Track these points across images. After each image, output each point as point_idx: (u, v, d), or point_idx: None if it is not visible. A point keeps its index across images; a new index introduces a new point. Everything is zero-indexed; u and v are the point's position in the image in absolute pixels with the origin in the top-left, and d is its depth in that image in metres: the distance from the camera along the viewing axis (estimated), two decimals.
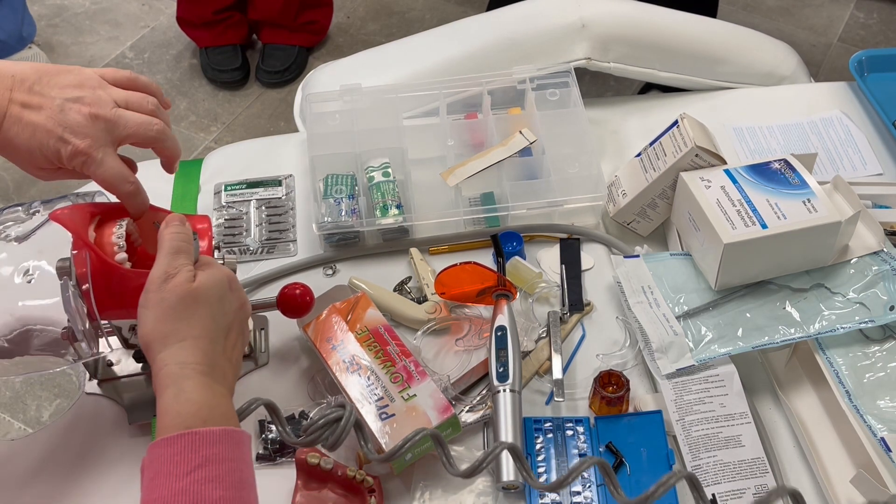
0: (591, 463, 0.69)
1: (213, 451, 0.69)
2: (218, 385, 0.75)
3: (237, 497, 0.68)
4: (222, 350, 0.78)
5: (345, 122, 1.22)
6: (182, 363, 0.74)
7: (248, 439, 0.73)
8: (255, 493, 0.72)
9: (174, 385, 0.73)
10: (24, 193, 2.28)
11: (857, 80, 1.33)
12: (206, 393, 0.73)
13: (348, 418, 0.76)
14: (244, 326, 0.83)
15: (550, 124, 1.20)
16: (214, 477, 0.68)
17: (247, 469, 0.72)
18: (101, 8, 2.81)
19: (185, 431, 0.69)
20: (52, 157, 0.81)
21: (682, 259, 1.07)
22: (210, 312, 0.77)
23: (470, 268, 1.02)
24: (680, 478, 0.67)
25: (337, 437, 0.76)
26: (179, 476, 0.67)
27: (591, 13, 1.29)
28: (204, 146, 2.43)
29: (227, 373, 0.78)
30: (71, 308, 0.82)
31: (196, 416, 0.71)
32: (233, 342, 0.80)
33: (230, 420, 0.73)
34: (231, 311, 0.80)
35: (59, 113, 0.80)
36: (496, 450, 0.72)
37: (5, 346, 1.02)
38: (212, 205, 1.20)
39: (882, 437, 0.88)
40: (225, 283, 0.80)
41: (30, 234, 1.09)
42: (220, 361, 0.77)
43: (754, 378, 1.01)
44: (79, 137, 0.80)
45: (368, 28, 2.75)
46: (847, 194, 1.05)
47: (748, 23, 1.71)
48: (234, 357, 0.80)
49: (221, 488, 0.68)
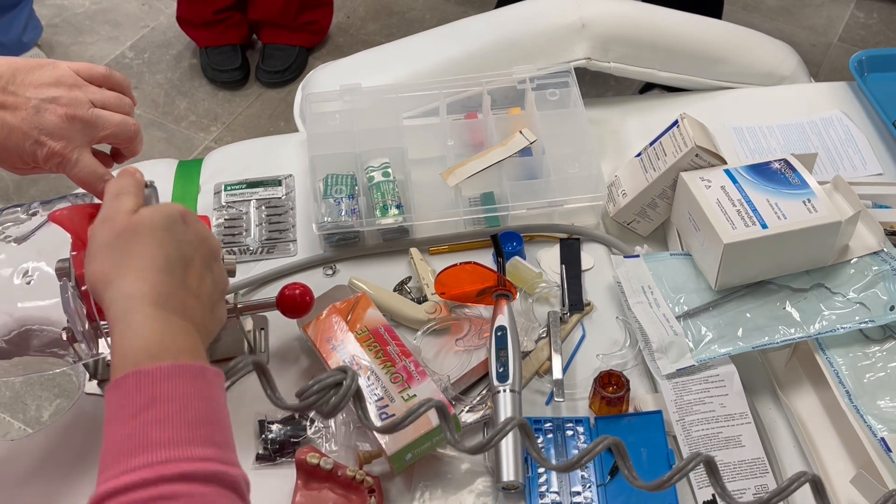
0: (605, 444, 0.66)
1: (161, 389, 0.62)
2: (173, 316, 0.67)
3: (192, 437, 0.61)
4: (180, 282, 0.70)
5: (345, 122, 1.22)
6: (126, 297, 0.67)
7: (214, 374, 0.66)
8: (222, 430, 0.64)
9: (122, 321, 0.66)
10: (23, 194, 2.28)
11: (857, 80, 1.33)
12: (156, 325, 0.66)
13: (349, 385, 0.69)
14: (212, 262, 0.76)
15: (550, 124, 1.20)
16: (162, 417, 0.61)
17: (206, 404, 0.63)
18: (101, 8, 2.81)
19: (130, 371, 0.63)
20: (28, 159, 0.81)
21: (682, 259, 1.07)
22: (156, 241, 0.70)
23: (470, 268, 1.02)
24: (699, 462, 0.66)
25: (335, 405, 0.69)
26: (125, 420, 0.61)
27: (591, 13, 1.29)
28: (204, 146, 2.43)
29: (190, 305, 0.70)
30: (70, 309, 0.82)
31: (144, 351, 0.64)
32: (196, 275, 0.72)
33: (189, 354, 0.66)
34: (187, 242, 0.73)
35: (35, 115, 0.79)
36: (506, 427, 0.69)
37: (4, 346, 1.03)
38: (212, 205, 1.20)
39: (882, 437, 0.88)
40: (174, 215, 0.73)
41: (29, 235, 1.09)
42: (176, 292, 0.69)
43: (754, 378, 1.01)
44: (54, 139, 0.80)
45: (368, 28, 2.75)
46: (847, 194, 1.05)
47: (748, 23, 1.71)
48: (202, 293, 0.72)
49: (170, 428, 0.60)
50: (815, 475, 0.63)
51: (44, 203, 1.13)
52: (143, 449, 0.59)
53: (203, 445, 0.61)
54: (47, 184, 2.28)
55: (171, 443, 0.60)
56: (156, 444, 0.59)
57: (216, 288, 0.75)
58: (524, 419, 0.69)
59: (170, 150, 2.41)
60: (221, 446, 0.63)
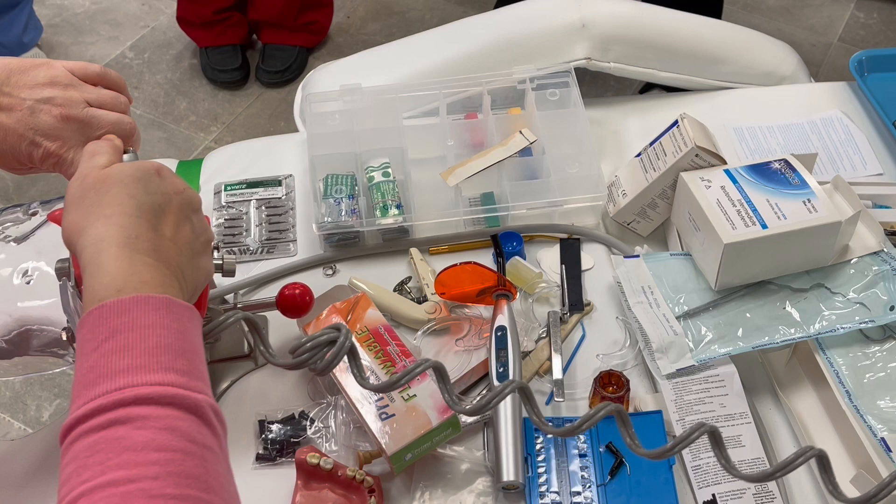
0: (607, 410, 0.65)
1: (122, 319, 0.62)
2: (143, 256, 0.67)
3: (151, 363, 0.61)
4: (151, 227, 0.69)
5: (345, 122, 1.22)
6: (97, 240, 0.67)
7: (184, 308, 0.65)
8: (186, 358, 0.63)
9: (91, 264, 0.66)
10: (23, 194, 2.28)
11: (857, 80, 1.33)
12: (123, 263, 0.66)
13: (343, 342, 0.68)
14: (190, 213, 0.74)
15: (550, 124, 1.20)
16: (122, 347, 0.61)
17: (168, 333, 0.63)
18: (101, 8, 2.81)
19: (95, 307, 0.63)
20: (24, 160, 0.81)
21: (682, 259, 1.07)
22: (125, 191, 0.70)
23: (470, 268, 1.02)
24: (703, 432, 0.65)
25: (329, 361, 0.68)
26: (89, 353, 0.61)
27: (591, 13, 1.29)
28: (204, 146, 2.43)
29: (164, 248, 0.69)
30: (70, 309, 0.82)
31: (109, 287, 0.64)
32: (172, 224, 0.71)
33: (156, 288, 0.65)
34: (161, 192, 0.72)
35: (30, 116, 0.79)
36: (505, 389, 0.67)
37: (4, 346, 1.02)
38: (212, 205, 1.20)
39: (882, 437, 0.88)
40: (147, 169, 0.73)
41: (29, 235, 1.09)
42: (146, 234, 0.69)
43: (754, 378, 1.01)
44: (49, 140, 0.79)
45: (368, 28, 2.75)
46: (847, 194, 1.05)
47: (748, 23, 1.71)
48: (179, 240, 0.71)
49: (129, 357, 0.61)
50: (820, 450, 0.63)
51: (43, 203, 1.13)
52: (102, 378, 0.60)
53: (163, 371, 0.61)
54: (47, 184, 2.28)
55: (130, 369, 0.60)
56: (114, 372, 0.60)
57: (197, 238, 0.74)
58: (523, 382, 0.69)
59: (170, 150, 2.41)
60: (184, 373, 0.62)
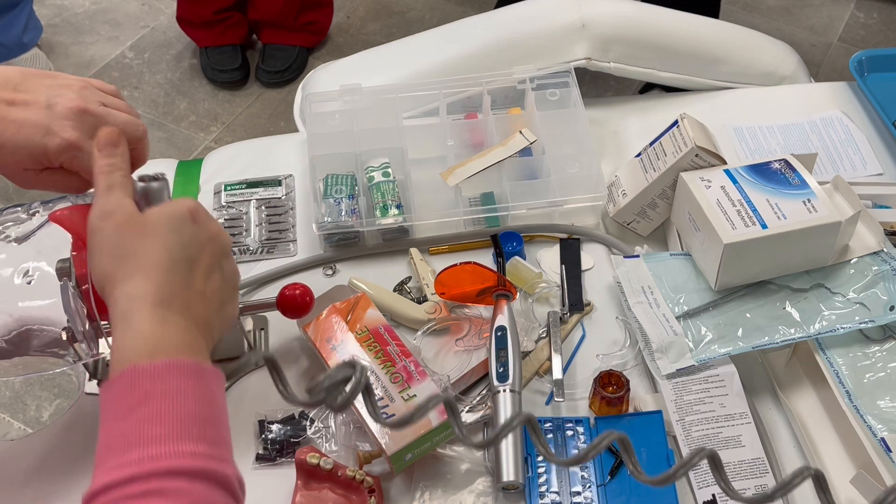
0: (611, 438, 0.66)
1: (155, 385, 0.62)
2: (175, 316, 0.67)
3: (183, 433, 0.61)
4: (185, 282, 0.70)
5: (345, 122, 1.22)
6: (129, 297, 0.67)
7: (212, 373, 0.66)
8: (216, 427, 0.64)
9: (123, 320, 0.66)
10: (24, 194, 2.28)
11: (857, 80, 1.33)
12: (155, 324, 0.66)
13: (359, 378, 0.68)
14: (222, 261, 0.74)
15: (550, 124, 1.20)
16: (155, 414, 0.60)
17: (200, 401, 0.63)
18: (101, 8, 2.81)
19: (126, 368, 0.63)
20: (38, 154, 0.79)
21: (682, 259, 1.07)
22: (162, 244, 0.70)
23: (470, 268, 1.02)
24: (703, 456, 0.65)
25: (346, 399, 0.68)
26: (119, 417, 0.61)
27: (591, 13, 1.29)
28: (204, 146, 2.43)
29: (194, 305, 0.70)
30: (71, 309, 0.82)
31: (142, 349, 0.64)
32: (203, 274, 0.71)
33: (187, 352, 0.66)
34: (195, 242, 0.72)
35: (47, 108, 0.79)
36: (513, 421, 0.68)
37: (4, 346, 1.03)
38: (212, 205, 1.20)
39: (882, 438, 0.88)
40: (182, 215, 0.72)
41: (29, 235, 1.09)
42: (179, 294, 0.69)
43: (754, 378, 1.01)
44: (67, 131, 0.79)
45: (368, 28, 2.75)
46: (847, 194, 1.05)
47: (748, 23, 1.71)
48: (209, 292, 0.71)
49: (162, 424, 0.60)
50: (817, 470, 0.63)
51: (44, 203, 1.13)
52: (134, 445, 0.59)
53: (194, 441, 0.61)
54: None
55: (163, 438, 0.60)
56: (147, 440, 0.59)
57: (226, 284, 0.75)
58: (531, 414, 0.69)
59: (170, 150, 2.41)
60: (214, 443, 0.62)
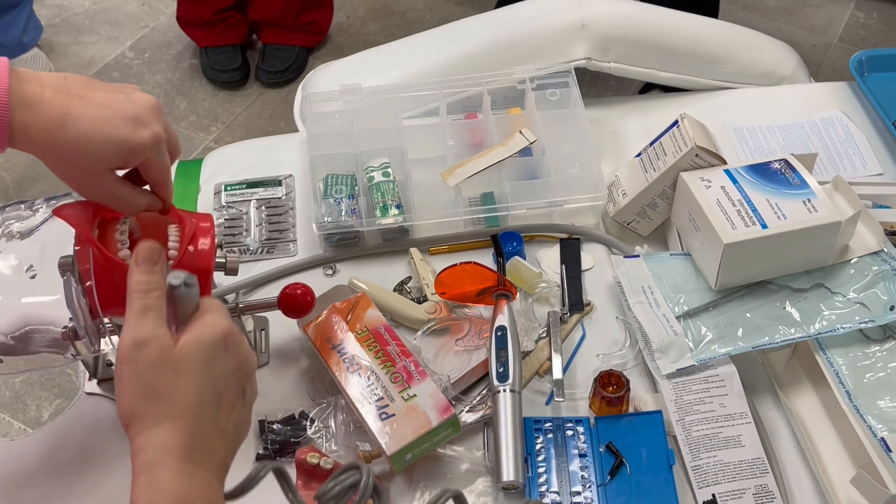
0: None
1: None
2: (201, 471, 0.66)
3: None
4: (212, 424, 0.68)
5: (345, 122, 1.22)
6: (158, 448, 0.65)
7: None
8: None
9: (148, 472, 0.65)
10: (24, 193, 2.28)
11: (857, 80, 1.33)
12: (184, 482, 0.64)
13: (367, 482, 0.71)
14: (246, 386, 0.73)
15: (550, 124, 1.20)
16: None
17: None
18: (101, 8, 2.81)
19: None
20: (121, 149, 0.77)
21: (682, 259, 1.07)
22: (194, 384, 0.67)
23: (470, 268, 1.02)
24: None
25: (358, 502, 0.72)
26: None
27: (591, 13, 1.29)
28: (204, 146, 2.43)
29: (217, 450, 0.68)
30: (73, 305, 0.82)
31: None
32: (227, 409, 0.70)
33: None
34: (224, 375, 0.69)
35: (129, 103, 0.77)
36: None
37: (9, 342, 1.02)
38: (212, 205, 1.20)
39: (882, 437, 0.88)
40: (216, 343, 0.69)
41: (33, 231, 1.08)
42: (206, 441, 0.67)
43: (754, 378, 1.01)
44: (155, 124, 0.78)
45: (368, 28, 2.75)
46: (847, 194, 1.05)
47: (748, 23, 1.71)
48: (228, 427, 0.70)
49: None
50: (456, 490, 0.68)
51: (47, 200, 1.13)
52: None
53: None
54: (47, 183, 2.28)
55: None
56: None
57: (245, 410, 0.73)
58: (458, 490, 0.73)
59: None
60: None
